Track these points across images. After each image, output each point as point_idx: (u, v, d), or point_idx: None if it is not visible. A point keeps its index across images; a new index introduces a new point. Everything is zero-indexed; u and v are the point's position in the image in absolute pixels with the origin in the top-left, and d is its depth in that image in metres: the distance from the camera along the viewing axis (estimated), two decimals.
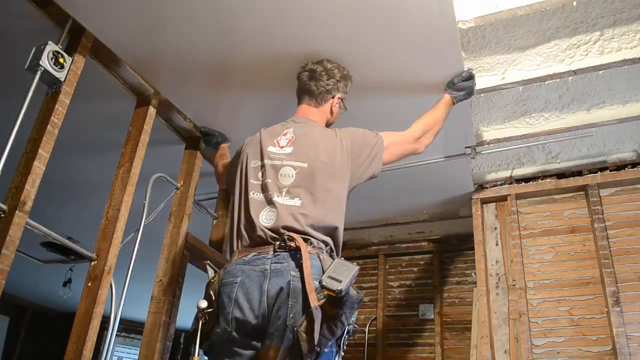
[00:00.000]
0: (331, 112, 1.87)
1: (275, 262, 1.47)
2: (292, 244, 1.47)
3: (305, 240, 1.49)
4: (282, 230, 1.51)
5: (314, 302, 1.36)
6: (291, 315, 1.39)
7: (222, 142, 2.45)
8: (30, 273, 5.05)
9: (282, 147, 1.69)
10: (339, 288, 1.32)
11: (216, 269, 1.61)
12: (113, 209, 2.04)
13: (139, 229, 2.21)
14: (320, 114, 1.84)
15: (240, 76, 2.18)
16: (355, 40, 1.90)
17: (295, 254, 1.47)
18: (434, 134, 1.95)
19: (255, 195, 1.62)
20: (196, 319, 1.51)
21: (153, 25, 1.91)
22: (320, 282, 1.36)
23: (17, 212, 1.63)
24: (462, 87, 2.03)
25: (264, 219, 1.55)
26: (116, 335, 2.05)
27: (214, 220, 2.81)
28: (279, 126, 1.79)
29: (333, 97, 1.86)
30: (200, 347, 1.51)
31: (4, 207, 1.64)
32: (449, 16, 1.80)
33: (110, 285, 1.95)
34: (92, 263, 1.96)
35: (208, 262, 1.67)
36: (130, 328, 7.02)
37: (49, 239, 1.91)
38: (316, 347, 1.35)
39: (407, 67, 2.04)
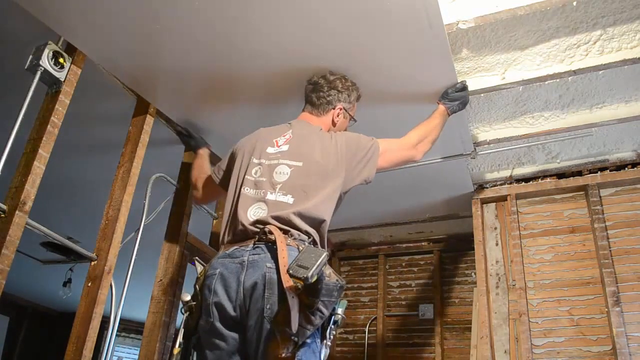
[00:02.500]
0: (333, 122, 1.89)
1: (252, 254, 1.48)
2: (271, 237, 1.48)
3: (286, 232, 1.50)
4: (265, 222, 1.52)
5: (290, 291, 1.36)
6: (268, 307, 1.40)
7: (200, 146, 2.37)
8: (30, 273, 5.05)
9: (279, 146, 1.72)
10: (305, 275, 1.30)
11: (204, 264, 1.63)
12: (113, 209, 2.04)
13: (139, 229, 2.21)
14: (321, 123, 1.86)
15: (237, 89, 2.20)
16: (349, 56, 1.93)
17: (272, 246, 1.47)
18: (430, 141, 1.97)
19: (247, 191, 1.63)
20: (182, 313, 1.55)
21: (147, 43, 1.93)
22: (287, 271, 1.35)
23: (17, 212, 1.63)
24: (455, 97, 2.07)
25: (252, 214, 1.57)
26: (116, 335, 2.05)
27: (214, 220, 2.81)
28: (280, 127, 1.82)
29: (334, 108, 1.89)
30: (187, 343, 1.53)
31: (4, 207, 1.65)
32: (439, 31, 1.82)
33: (110, 285, 1.95)
34: (92, 263, 1.96)
35: (196, 258, 1.69)
36: (130, 328, 7.02)
37: (49, 239, 1.91)
38: (293, 338, 1.35)
39: (402, 81, 2.08)
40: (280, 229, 1.50)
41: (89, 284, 1.92)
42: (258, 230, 1.51)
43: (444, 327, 3.56)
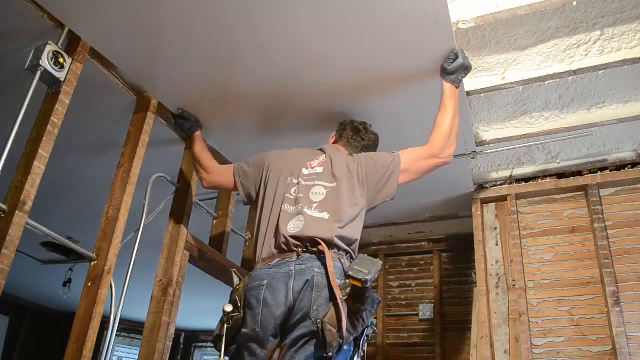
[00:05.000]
0: None
1: (299, 264, 1.56)
2: (316, 249, 1.57)
3: (328, 246, 1.58)
4: (307, 236, 1.60)
5: (339, 295, 1.43)
6: (315, 308, 1.46)
7: (196, 129, 2.33)
8: (30, 273, 5.05)
9: (313, 168, 1.84)
10: (365, 278, 1.40)
11: (241, 276, 1.70)
12: (113, 209, 2.04)
13: (139, 229, 2.21)
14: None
15: (240, 90, 2.21)
16: (348, 39, 1.87)
17: (319, 256, 1.56)
18: (455, 138, 1.89)
19: (287, 208, 1.72)
20: (221, 323, 1.59)
21: (150, 34, 1.92)
22: (346, 273, 1.44)
23: (17, 212, 1.63)
24: (454, 69, 1.90)
25: (292, 227, 1.65)
26: (116, 335, 2.05)
27: (214, 220, 2.81)
28: (313, 151, 1.95)
29: None
30: (225, 352, 1.58)
31: (4, 207, 1.64)
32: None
33: (110, 285, 1.94)
34: (92, 263, 1.95)
35: (234, 270, 1.78)
36: (130, 328, 7.02)
37: (49, 239, 1.90)
38: (339, 340, 1.41)
39: (396, 60, 1.96)
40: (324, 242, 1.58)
41: (89, 284, 1.91)
42: (301, 243, 1.60)
43: (444, 327, 3.56)
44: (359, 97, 2.17)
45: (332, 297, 1.44)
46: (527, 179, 3.00)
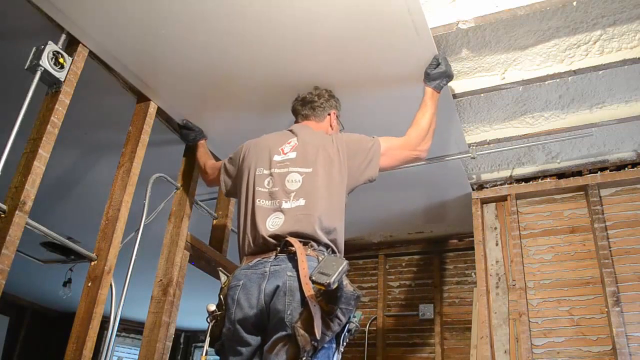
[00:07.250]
0: (331, 127, 2.00)
1: (274, 265, 1.55)
2: (292, 248, 1.54)
3: (306, 244, 1.56)
4: (284, 235, 1.57)
5: (312, 299, 1.42)
6: (288, 312, 1.46)
7: (200, 138, 2.48)
8: (30, 273, 5.05)
9: (286, 154, 1.78)
10: (328, 281, 1.36)
11: (228, 274, 1.70)
12: (113, 209, 2.04)
13: (139, 229, 2.21)
14: (322, 129, 1.95)
15: (237, 92, 2.24)
16: (333, 44, 1.93)
17: (294, 257, 1.53)
18: (431, 135, 1.98)
19: (262, 203, 1.68)
20: (208, 322, 1.62)
21: (150, 40, 1.94)
22: (310, 277, 1.40)
23: (17, 212, 1.63)
24: (437, 75, 1.99)
25: (270, 225, 1.62)
26: (116, 335, 2.05)
27: (214, 220, 2.81)
28: (282, 134, 1.88)
29: (329, 114, 2.01)
30: (213, 347, 1.61)
31: (4, 207, 1.64)
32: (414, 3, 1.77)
33: (110, 285, 1.95)
34: (92, 263, 1.95)
35: (220, 268, 1.75)
36: (130, 328, 7.02)
37: (49, 239, 1.91)
38: (314, 342, 1.40)
39: (380, 64, 2.04)
40: (300, 241, 1.56)
41: (89, 284, 1.91)
42: (278, 242, 1.58)
43: (444, 327, 3.56)
44: (351, 97, 2.19)
45: (304, 301, 1.44)
46: (527, 179, 3.00)
